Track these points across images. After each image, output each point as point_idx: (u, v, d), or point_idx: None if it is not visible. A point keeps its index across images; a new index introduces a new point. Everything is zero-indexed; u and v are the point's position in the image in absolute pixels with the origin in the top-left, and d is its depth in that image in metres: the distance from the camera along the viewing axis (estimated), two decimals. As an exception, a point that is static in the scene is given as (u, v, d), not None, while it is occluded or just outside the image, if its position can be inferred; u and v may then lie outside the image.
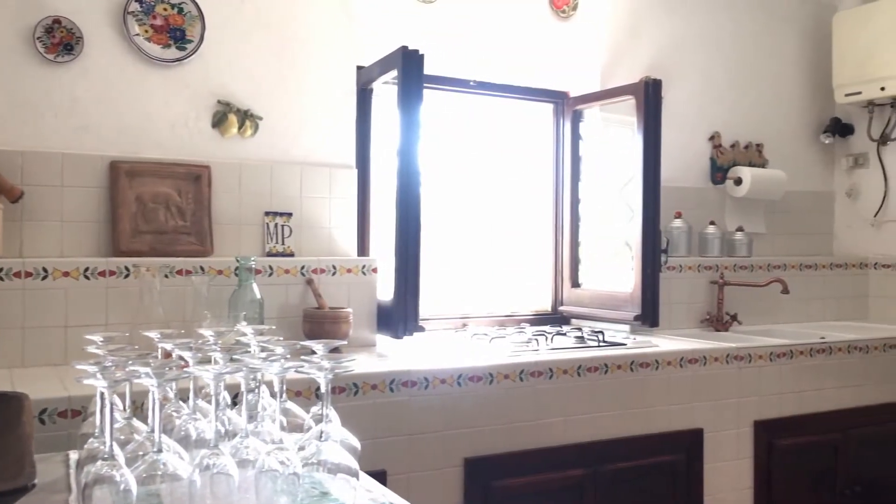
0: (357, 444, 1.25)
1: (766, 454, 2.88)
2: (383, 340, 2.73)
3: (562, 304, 3.49)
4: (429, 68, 3.04)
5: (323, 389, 1.13)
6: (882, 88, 3.66)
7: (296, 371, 1.14)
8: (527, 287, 3.49)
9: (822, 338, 3.20)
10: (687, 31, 3.68)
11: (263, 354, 1.25)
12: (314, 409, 1.31)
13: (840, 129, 4.01)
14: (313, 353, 1.22)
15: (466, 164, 3.37)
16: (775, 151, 3.92)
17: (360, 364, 2.31)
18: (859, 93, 3.76)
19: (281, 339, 1.40)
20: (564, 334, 2.94)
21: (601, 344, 2.78)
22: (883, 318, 3.84)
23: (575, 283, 3.48)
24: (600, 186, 3.49)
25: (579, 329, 3.10)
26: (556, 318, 3.45)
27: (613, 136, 3.48)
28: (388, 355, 2.52)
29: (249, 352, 1.34)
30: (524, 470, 2.39)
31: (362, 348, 2.64)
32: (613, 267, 3.40)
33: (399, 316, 2.61)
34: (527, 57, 3.32)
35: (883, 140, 3.86)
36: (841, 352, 3.08)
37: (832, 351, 3.06)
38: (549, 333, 2.89)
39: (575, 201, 3.50)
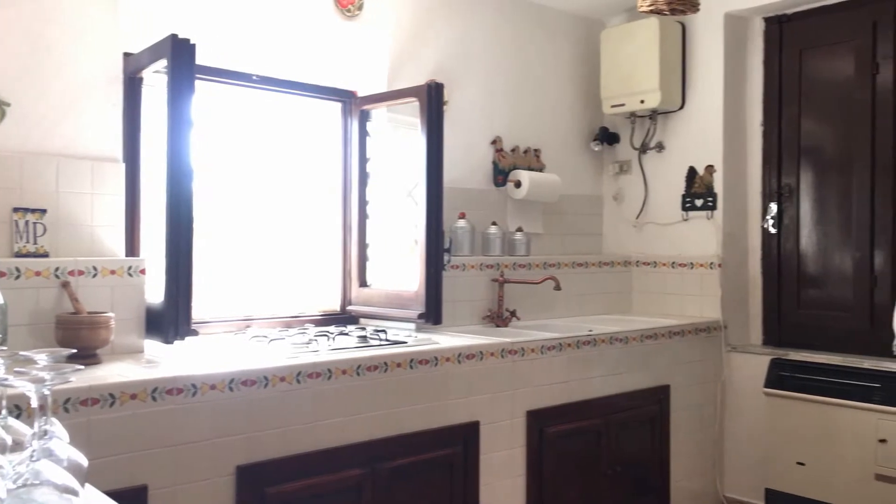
0: (83, 461, 1.15)
1: (537, 441, 3.05)
2: (154, 346, 2.56)
3: (350, 304, 3.49)
4: (207, 59, 2.93)
5: (35, 404, 1.03)
6: (642, 101, 4.02)
7: (1, 385, 1.02)
8: (316, 287, 3.45)
9: (590, 331, 3.44)
10: (470, 39, 3.81)
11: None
12: (37, 424, 1.19)
13: (608, 137, 4.35)
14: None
15: (252, 162, 3.26)
16: (552, 157, 4.17)
17: (120, 372, 2.16)
18: (623, 105, 4.10)
19: (4, 349, 1.26)
20: (348, 334, 2.93)
21: (383, 343, 2.80)
22: (644, 312, 4.22)
23: (363, 283, 3.49)
24: (391, 186, 3.52)
25: (364, 328, 3.11)
26: (344, 318, 3.43)
27: (403, 137, 3.52)
28: (157, 362, 2.37)
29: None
30: (301, 474, 2.35)
31: (127, 355, 2.46)
32: (405, 266, 3.44)
33: (169, 319, 2.47)
34: (312, 54, 3.28)
35: (643, 149, 4.24)
36: (604, 343, 3.34)
37: (596, 343, 3.31)
38: (331, 334, 2.87)
39: (363, 201, 3.50)
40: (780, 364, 3.63)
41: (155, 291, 2.57)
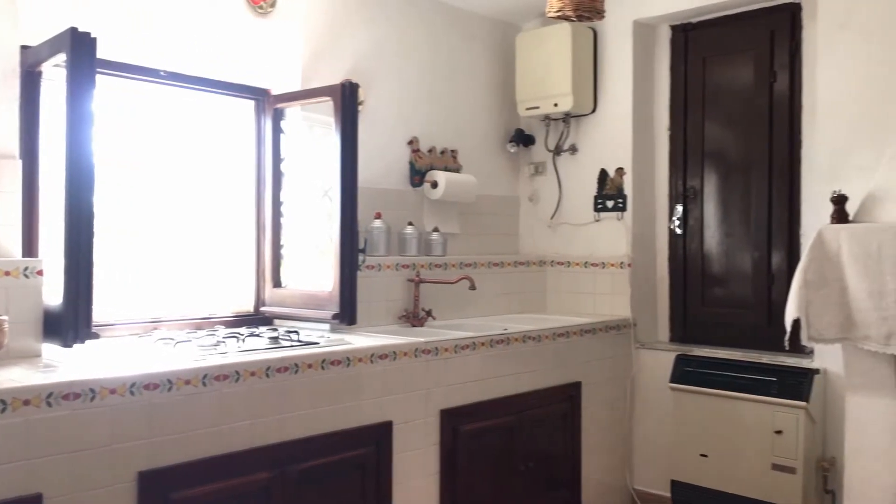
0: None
1: (451, 440, 3.08)
2: (52, 350, 2.47)
3: (264, 305, 3.44)
4: (112, 54, 2.85)
5: None
6: (555, 104, 4.11)
7: None
8: (229, 288, 3.38)
9: (505, 329, 3.49)
10: (387, 39, 3.82)
11: None
12: None
13: (523, 139, 4.43)
14: None
15: (164, 160, 3.18)
16: (468, 157, 4.21)
17: (13, 377, 2.07)
18: (537, 107, 4.18)
19: None
20: (259, 335, 2.89)
21: (294, 344, 2.77)
22: (558, 311, 4.31)
23: (277, 284, 3.44)
24: (307, 186, 3.49)
25: (276, 329, 3.07)
26: (257, 319, 3.38)
27: (318, 137, 3.50)
28: (55, 366, 2.29)
29: None
30: (206, 478, 2.31)
31: (23, 359, 2.37)
32: (321, 266, 3.42)
33: (69, 322, 2.38)
34: (224, 50, 3.22)
35: (557, 151, 4.33)
36: (517, 341, 3.40)
37: (510, 341, 3.36)
38: (241, 335, 2.83)
39: (277, 200, 3.46)
40: (685, 360, 3.77)
41: (54, 293, 2.48)
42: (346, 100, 3.16)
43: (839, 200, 2.87)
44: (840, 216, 2.87)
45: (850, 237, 2.78)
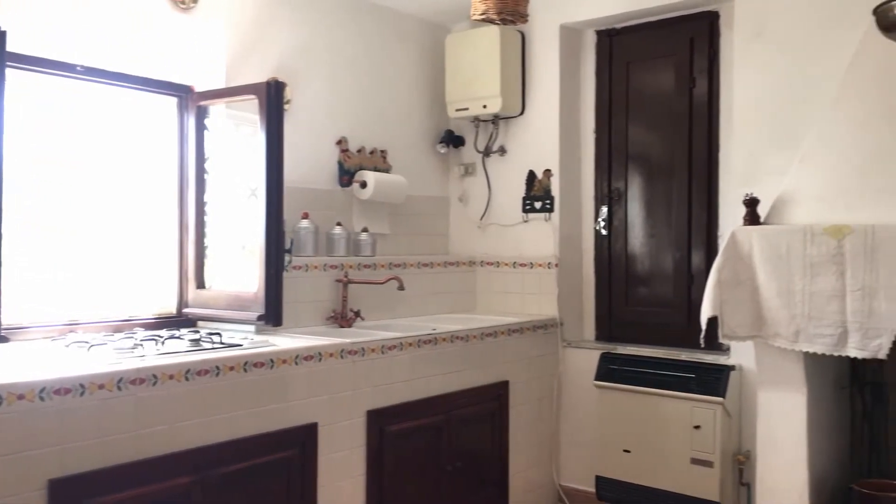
0: None
1: (377, 441, 3.07)
2: (-42, 355, 2.38)
3: (187, 307, 3.37)
4: (24, 48, 2.75)
5: None
6: (484, 106, 4.14)
7: None
8: (150, 289, 3.30)
9: (433, 329, 3.51)
10: (315, 37, 3.79)
11: None
12: None
13: (453, 140, 4.45)
14: None
15: (85, 157, 3.08)
16: (398, 158, 4.21)
17: (-88, 384, 1.98)
18: (467, 109, 4.22)
19: None
20: (180, 338, 2.83)
21: (216, 346, 2.73)
22: (487, 311, 4.34)
23: (200, 285, 3.38)
24: (233, 185, 3.42)
25: (198, 332, 3.01)
26: (180, 320, 3.31)
27: (245, 135, 3.44)
28: (-40, 372, 2.20)
29: None
30: (123, 485, 2.25)
31: (-75, 365, 2.27)
32: (247, 267, 3.36)
33: (-25, 326, 2.29)
34: (144, 46, 3.14)
35: (486, 152, 4.37)
36: (445, 341, 3.41)
37: (437, 341, 3.38)
38: (161, 338, 2.76)
39: (201, 199, 3.39)
40: (610, 358, 3.85)
41: (-41, 296, 2.38)
42: (272, 98, 3.13)
43: (751, 203, 2.98)
44: (752, 218, 2.98)
45: (761, 238, 2.89)
